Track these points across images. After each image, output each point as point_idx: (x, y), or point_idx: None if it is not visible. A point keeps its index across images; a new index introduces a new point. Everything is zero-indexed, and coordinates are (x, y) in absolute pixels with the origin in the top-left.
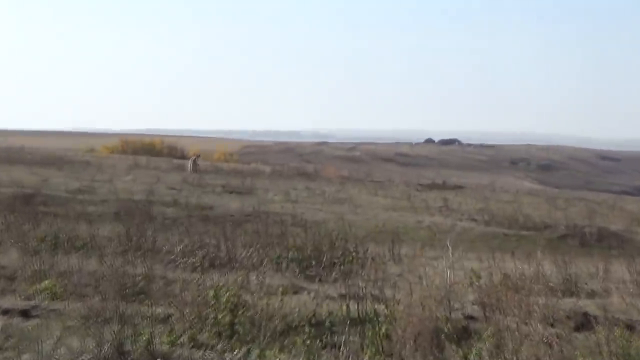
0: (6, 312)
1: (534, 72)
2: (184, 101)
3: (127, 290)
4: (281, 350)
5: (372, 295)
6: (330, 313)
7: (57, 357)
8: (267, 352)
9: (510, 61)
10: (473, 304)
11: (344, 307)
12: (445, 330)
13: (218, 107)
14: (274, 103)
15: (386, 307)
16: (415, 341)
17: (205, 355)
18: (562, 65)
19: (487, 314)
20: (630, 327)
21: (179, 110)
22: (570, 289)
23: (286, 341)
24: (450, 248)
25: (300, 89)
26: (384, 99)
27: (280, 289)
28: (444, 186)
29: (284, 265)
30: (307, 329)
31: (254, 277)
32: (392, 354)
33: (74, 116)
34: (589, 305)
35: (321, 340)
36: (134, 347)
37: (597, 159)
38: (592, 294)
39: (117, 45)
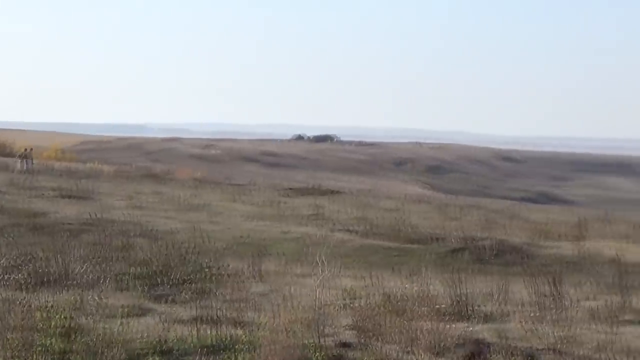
0: None
1: (422, 56)
2: (11, 88)
3: None
4: None
5: (229, 318)
6: (180, 339)
7: None
8: None
9: (395, 44)
10: (348, 328)
11: (196, 332)
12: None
13: (51, 96)
14: (114, 91)
15: (246, 332)
16: None
17: None
18: (460, 50)
19: (365, 340)
20: (530, 356)
21: (5, 99)
22: (462, 312)
23: None
24: (322, 263)
25: (146, 74)
26: (248, 88)
27: (123, 310)
28: (317, 191)
29: (127, 282)
30: (153, 358)
31: (91, 296)
32: None
33: None
34: (484, 331)
35: None
36: None
37: (496, 159)
38: (487, 318)
39: None
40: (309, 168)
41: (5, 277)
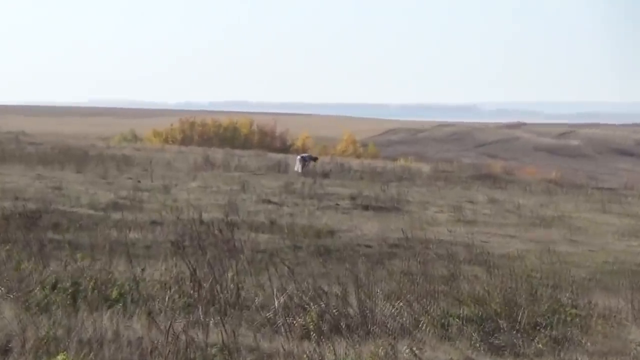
0: None
1: None
2: (285, 62)
3: None
4: None
5: None
6: None
7: None
8: None
9: None
10: None
11: None
12: None
13: (340, 71)
14: (432, 65)
15: None
16: None
17: None
18: None
19: None
20: None
21: (278, 75)
22: None
23: None
24: None
25: (474, 43)
26: (615, 56)
27: None
28: None
29: (454, 328)
30: None
31: (405, 348)
32: None
33: (94, 85)
34: None
35: None
36: None
37: None
38: None
39: None
40: None
41: (287, 320)
